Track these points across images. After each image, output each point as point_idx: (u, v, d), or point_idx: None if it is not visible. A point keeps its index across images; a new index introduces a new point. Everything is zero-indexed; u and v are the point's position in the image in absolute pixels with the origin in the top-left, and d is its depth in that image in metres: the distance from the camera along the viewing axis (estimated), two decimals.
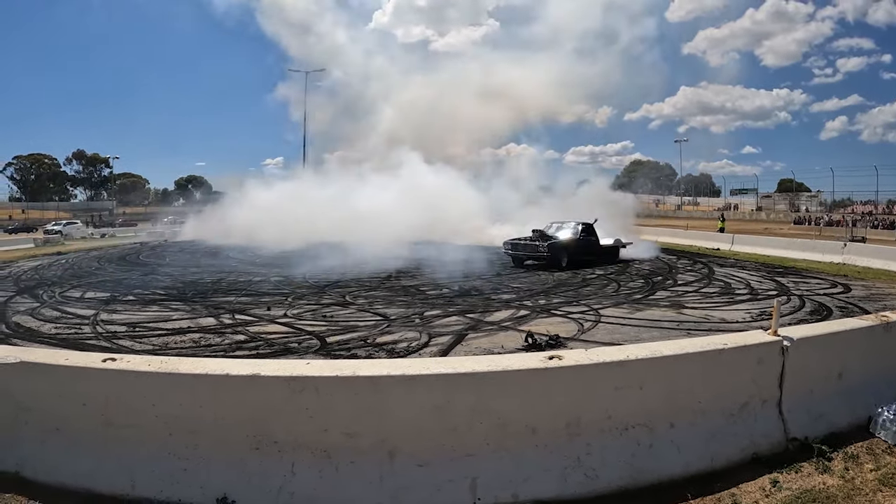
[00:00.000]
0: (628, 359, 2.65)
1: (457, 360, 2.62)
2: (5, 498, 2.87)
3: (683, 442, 2.94)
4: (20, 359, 2.82)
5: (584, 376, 2.63)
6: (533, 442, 2.63)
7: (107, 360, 2.70)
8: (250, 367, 2.54)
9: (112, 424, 2.71)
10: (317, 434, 2.56)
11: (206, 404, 2.60)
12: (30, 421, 2.85)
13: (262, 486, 2.59)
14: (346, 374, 2.48)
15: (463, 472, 2.60)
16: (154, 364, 2.63)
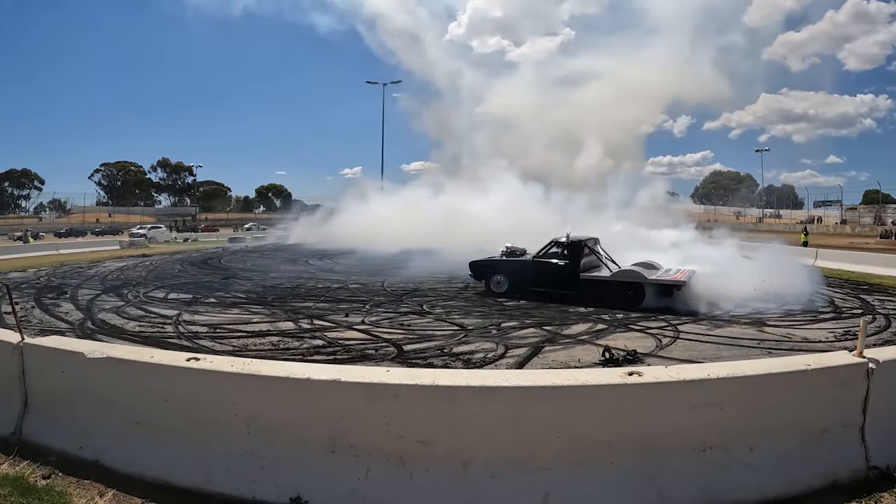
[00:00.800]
0: (708, 377, 2.56)
1: (534, 373, 2.58)
2: (84, 484, 2.98)
3: (760, 465, 2.83)
4: (107, 354, 2.92)
5: (663, 394, 2.56)
6: (607, 459, 2.57)
7: (191, 360, 2.78)
8: (331, 373, 2.57)
9: (192, 421, 2.78)
10: (393, 440, 2.56)
11: (285, 406, 2.64)
12: (112, 413, 2.95)
13: (336, 489, 2.61)
14: (426, 383, 2.48)
15: (535, 485, 2.57)
16: (237, 365, 2.69)
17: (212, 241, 35.54)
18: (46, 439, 3.16)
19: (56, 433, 3.14)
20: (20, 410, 3.29)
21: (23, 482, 3.01)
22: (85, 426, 3.03)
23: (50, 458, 3.11)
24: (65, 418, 3.14)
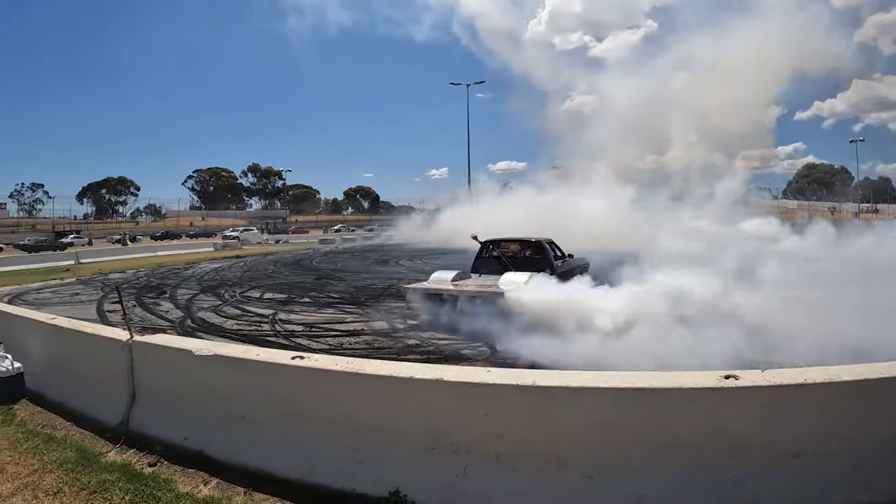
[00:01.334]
0: (805, 382, 2.61)
1: (631, 374, 2.64)
2: (188, 473, 3.16)
3: (852, 474, 2.84)
4: (214, 352, 3.11)
5: (759, 398, 2.61)
6: (698, 462, 2.63)
7: (295, 358, 2.95)
8: (433, 372, 2.71)
9: (296, 416, 2.94)
10: (492, 439, 2.68)
11: (388, 404, 2.78)
12: (217, 407, 3.13)
13: (434, 484, 2.73)
14: (525, 383, 2.60)
15: (629, 487, 2.64)
16: (341, 364, 2.85)
17: (302, 242, 37.36)
18: (152, 430, 3.36)
19: (161, 425, 3.34)
20: (128, 402, 3.52)
21: (130, 469, 3.21)
22: (191, 419, 3.22)
23: (156, 448, 3.31)
24: (171, 411, 3.34)
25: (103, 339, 3.88)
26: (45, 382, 4.32)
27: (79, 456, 3.35)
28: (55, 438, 3.63)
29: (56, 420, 3.94)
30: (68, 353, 4.23)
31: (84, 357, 4.04)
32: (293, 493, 2.90)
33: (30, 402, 4.32)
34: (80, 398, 3.95)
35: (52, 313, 5.23)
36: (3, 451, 3.51)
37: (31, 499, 3.05)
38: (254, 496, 2.93)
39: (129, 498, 2.97)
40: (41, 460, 3.36)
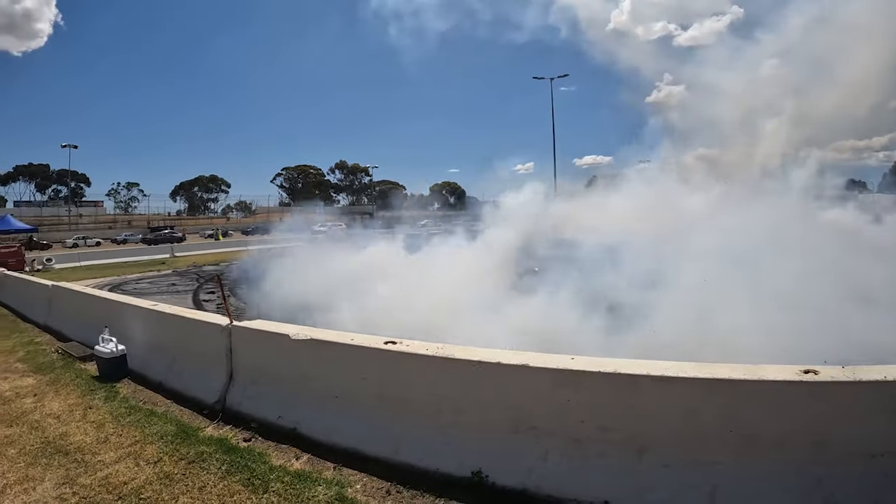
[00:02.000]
0: (886, 379, 2.69)
1: (712, 365, 2.81)
2: (281, 448, 3.40)
3: None
4: (310, 336, 3.41)
5: (838, 394, 2.69)
6: (777, 457, 2.74)
7: (388, 343, 3.23)
8: (520, 358, 2.94)
9: (386, 398, 3.18)
10: (573, 424, 2.86)
11: (475, 388, 3.01)
12: (312, 388, 3.40)
13: (515, 466, 2.90)
14: (608, 370, 2.80)
15: (705, 478, 2.76)
16: (431, 349, 3.11)
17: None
18: (247, 408, 3.63)
19: (257, 403, 3.61)
20: (225, 383, 3.82)
21: (226, 443, 3.46)
22: (285, 399, 3.49)
23: (251, 425, 3.57)
24: (266, 391, 3.62)
25: (204, 323, 4.27)
26: (147, 363, 4.71)
27: (178, 430, 3.64)
28: (156, 414, 3.95)
29: (156, 398, 4.28)
30: (170, 336, 4.63)
31: (185, 340, 4.42)
32: (380, 470, 3.11)
33: (131, 381, 4.72)
34: (179, 378, 4.29)
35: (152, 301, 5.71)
36: (107, 423, 3.83)
37: (133, 466, 3.34)
38: (343, 471, 3.15)
39: (225, 468, 3.23)
40: (142, 433, 3.65)
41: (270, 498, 2.94)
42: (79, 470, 3.36)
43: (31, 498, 3.12)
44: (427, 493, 2.94)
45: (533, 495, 2.86)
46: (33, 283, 9.66)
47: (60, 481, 3.25)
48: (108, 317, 5.45)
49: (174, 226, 52.87)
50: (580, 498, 2.82)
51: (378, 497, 2.94)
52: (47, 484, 3.25)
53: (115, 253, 26.71)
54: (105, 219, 59.76)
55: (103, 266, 20.70)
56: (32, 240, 34.31)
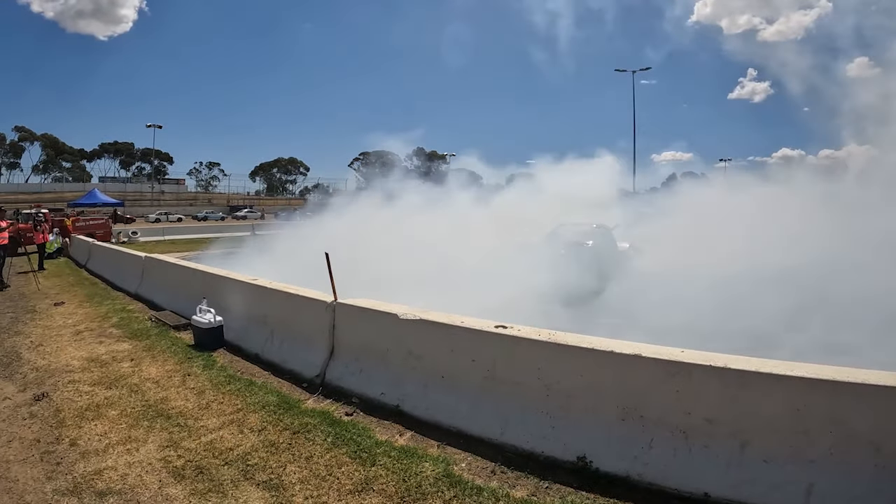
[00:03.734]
0: None
1: (818, 366, 2.97)
2: (384, 424, 3.59)
3: None
4: (419, 317, 3.58)
5: None
6: (874, 460, 2.96)
7: (498, 327, 3.40)
8: (632, 348, 3.18)
9: (495, 380, 3.40)
10: (680, 415, 3.10)
11: (585, 374, 3.26)
12: (418, 367, 3.60)
13: (620, 453, 3.10)
14: (718, 364, 3.04)
15: (802, 475, 3.00)
16: (543, 334, 3.37)
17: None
18: (348, 384, 3.84)
19: (358, 379, 3.84)
20: (325, 358, 4.00)
21: (329, 416, 3.65)
22: (389, 376, 3.70)
23: (352, 400, 3.81)
24: (368, 368, 3.86)
25: (307, 299, 4.65)
26: (244, 335, 5.01)
27: (280, 400, 3.82)
28: (255, 384, 4.17)
29: (254, 369, 4.54)
30: (270, 310, 5.04)
31: (286, 315, 4.82)
32: (485, 450, 3.37)
33: (227, 351, 4.93)
34: (278, 351, 4.59)
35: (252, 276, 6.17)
36: (207, 390, 3.98)
37: (237, 433, 3.50)
38: (447, 449, 3.34)
39: (330, 440, 3.39)
40: (244, 401, 3.82)
41: (378, 471, 3.14)
42: (182, 434, 3.52)
43: (135, 458, 3.29)
44: (531, 474, 3.19)
45: (636, 483, 3.09)
46: (126, 253, 10.37)
47: (164, 444, 3.43)
48: (205, 288, 5.88)
49: (253, 205, 57.31)
50: (681, 488, 3.04)
51: (483, 476, 3.13)
52: (150, 445, 3.41)
53: (196, 229, 29.59)
54: (186, 196, 65.45)
55: (187, 241, 22.61)
56: (117, 214, 37.07)
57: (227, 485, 3.03)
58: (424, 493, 3.00)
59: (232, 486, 3.03)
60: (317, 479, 3.10)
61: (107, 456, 3.39)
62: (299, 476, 3.11)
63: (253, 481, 3.07)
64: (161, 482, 3.06)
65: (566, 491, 3.07)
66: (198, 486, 3.03)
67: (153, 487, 3.01)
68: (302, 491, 2.99)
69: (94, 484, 3.06)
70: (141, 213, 44.61)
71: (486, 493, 3.00)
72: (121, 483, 3.05)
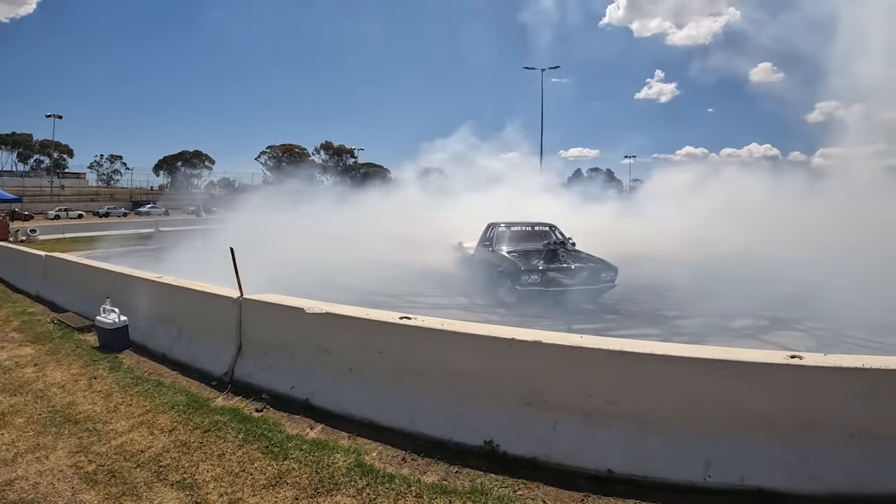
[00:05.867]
0: (864, 367, 3.74)
1: (710, 347, 3.80)
2: (294, 418, 4.45)
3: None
4: (325, 310, 4.35)
5: (821, 378, 3.82)
6: (767, 435, 3.85)
7: (403, 318, 4.17)
8: (533, 335, 3.96)
9: (403, 371, 4.22)
10: (582, 398, 3.95)
11: (489, 362, 4.06)
12: (326, 361, 4.42)
13: (526, 436, 3.97)
14: (615, 349, 3.85)
15: (700, 449, 3.87)
16: (446, 324, 4.13)
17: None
18: (257, 380, 4.67)
19: (267, 375, 4.67)
20: (234, 355, 4.83)
21: (239, 413, 4.51)
22: (298, 370, 4.52)
23: (262, 396, 4.63)
24: (277, 363, 4.66)
25: (213, 296, 5.44)
26: (150, 335, 5.84)
27: (189, 400, 4.67)
28: (163, 384, 5.02)
29: (161, 369, 5.38)
30: (176, 308, 5.76)
31: (193, 312, 5.54)
32: (396, 439, 4.20)
33: (133, 352, 5.79)
34: (186, 350, 5.41)
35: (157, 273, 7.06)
36: (115, 393, 4.83)
37: (147, 435, 4.33)
38: (357, 440, 4.20)
39: (241, 437, 4.24)
40: (153, 402, 4.66)
41: (290, 465, 3.96)
42: (92, 438, 4.35)
43: (46, 466, 4.12)
44: (441, 460, 4.03)
45: (542, 463, 3.96)
46: (25, 253, 11.61)
47: (74, 450, 4.25)
48: (109, 288, 6.68)
49: (156, 200, 63.42)
50: (586, 466, 3.90)
51: (394, 464, 3.98)
52: (60, 452, 4.25)
53: (98, 226, 32.94)
54: (87, 191, 71.69)
55: (88, 238, 25.01)
56: (15, 211, 39.95)
57: (141, 487, 3.73)
58: (337, 484, 3.76)
59: (146, 487, 3.72)
60: (230, 475, 3.83)
61: (16, 465, 4.03)
62: (212, 474, 3.84)
63: (166, 482, 3.78)
64: (74, 489, 3.74)
65: (475, 475, 3.86)
66: (111, 490, 3.72)
67: (66, 495, 3.67)
68: (216, 489, 3.70)
69: (6, 495, 3.69)
70: (40, 210, 48.97)
71: (398, 481, 3.78)
72: (33, 492, 3.69)
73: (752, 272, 13.42)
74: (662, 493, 3.74)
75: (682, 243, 17.44)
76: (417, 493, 3.66)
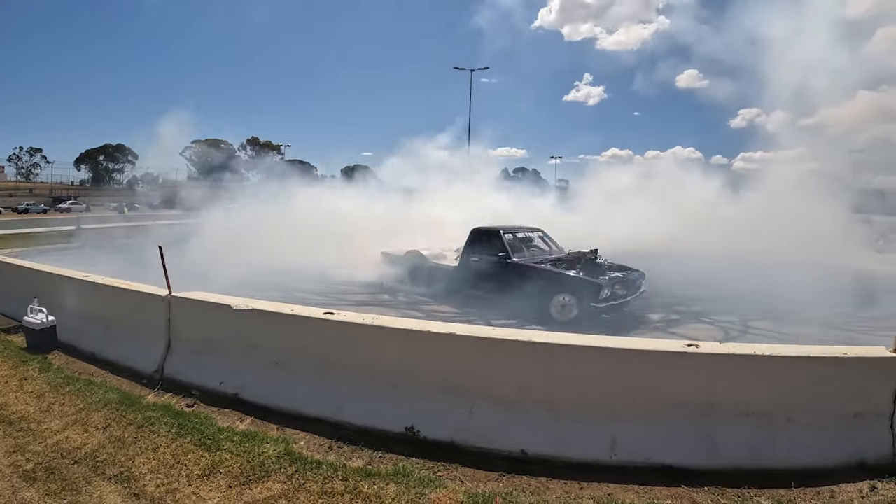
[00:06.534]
0: (755, 354, 4.61)
1: (614, 338, 4.58)
2: (224, 412, 5.20)
3: (796, 437, 4.85)
4: (252, 307, 5.09)
5: (718, 364, 4.64)
6: (669, 416, 4.66)
7: (327, 314, 4.93)
8: (448, 328, 4.75)
9: (328, 363, 4.98)
10: (496, 385, 4.72)
11: (409, 354, 4.82)
12: (254, 355, 5.15)
13: (444, 422, 4.77)
14: (525, 339, 4.61)
15: (607, 430, 4.68)
16: (367, 319, 4.86)
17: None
18: (187, 377, 5.40)
19: (196, 372, 5.38)
20: (163, 353, 5.54)
21: (171, 408, 5.25)
22: (226, 366, 5.24)
23: (192, 392, 5.34)
24: (206, 360, 5.37)
25: (142, 294, 6.00)
26: (78, 335, 6.49)
27: (121, 398, 5.39)
28: (94, 383, 5.70)
29: (91, 368, 6.05)
30: (104, 307, 6.38)
31: (121, 311, 6.17)
32: (322, 429, 4.94)
33: (62, 352, 6.45)
34: (115, 349, 6.04)
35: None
36: (47, 393, 5.55)
37: (82, 432, 5.07)
38: (286, 431, 4.97)
39: (174, 431, 4.99)
40: (85, 401, 5.39)
41: (223, 455, 4.71)
42: (27, 438, 5.07)
43: None
44: (366, 447, 4.77)
45: (461, 447, 4.72)
46: None
47: (10, 449, 4.94)
48: (34, 287, 7.23)
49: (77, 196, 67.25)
50: (501, 448, 4.70)
51: (322, 451, 4.76)
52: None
53: (18, 223, 35.14)
54: (6, 186, 75.87)
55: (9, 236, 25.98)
56: None
57: (80, 482, 4.29)
58: (268, 471, 4.36)
59: (84, 482, 4.28)
60: (166, 467, 4.42)
61: None
62: (148, 467, 4.43)
63: (104, 476, 4.34)
64: (14, 487, 4.26)
65: (398, 459, 4.55)
66: (51, 486, 4.25)
67: (6, 493, 4.19)
68: (153, 480, 4.28)
69: None
70: None
71: (325, 466, 4.41)
72: None
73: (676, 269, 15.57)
74: (572, 471, 4.46)
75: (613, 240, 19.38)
76: (344, 476, 4.29)
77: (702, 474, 4.54)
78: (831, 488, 4.54)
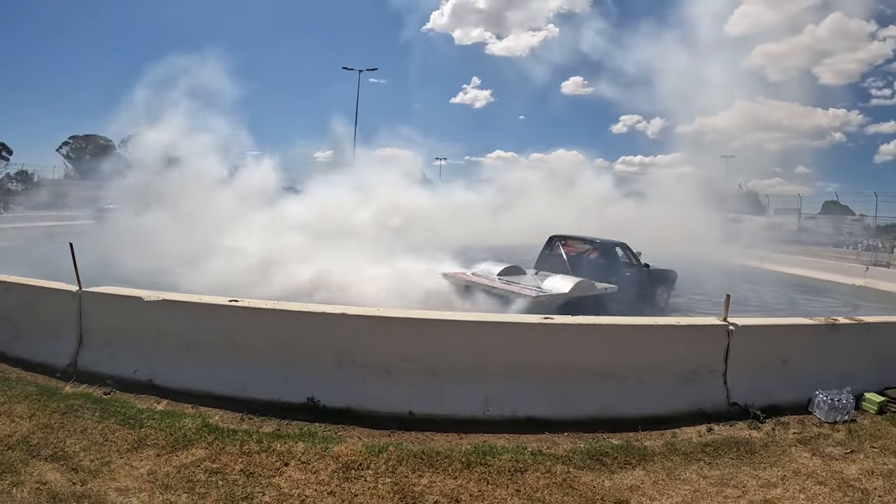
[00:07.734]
0: (602, 324, 6.72)
1: (483, 314, 6.79)
2: (140, 397, 6.85)
3: (643, 392, 6.69)
4: (162, 297, 7.21)
5: (570, 333, 6.55)
6: (532, 376, 6.45)
7: (232, 301, 7.05)
8: (341, 309, 6.68)
9: (234, 345, 6.75)
10: (383, 357, 6.47)
11: (306, 333, 6.57)
12: (166, 343, 7.00)
13: (341, 391, 6.53)
14: (405, 316, 6.60)
15: (480, 391, 6.48)
16: (269, 304, 6.87)
17: None
18: (101, 368, 7.05)
19: (110, 362, 7.10)
20: (76, 346, 7.42)
21: (90, 396, 7.06)
22: (139, 355, 7.08)
23: (107, 381, 7.03)
24: (118, 350, 7.13)
25: (51, 290, 7.45)
26: None
27: (40, 390, 7.05)
28: (10, 379, 7.16)
29: (2, 366, 7.35)
30: (12, 305, 7.75)
31: (30, 308, 7.54)
32: (233, 405, 6.50)
33: None
34: (25, 346, 7.41)
35: None
36: None
37: (9, 423, 6.44)
38: (200, 409, 6.55)
39: (98, 414, 6.57)
40: (5, 395, 6.91)
41: (147, 431, 6.00)
42: None
43: None
44: (273, 417, 6.23)
45: (357, 412, 6.32)
46: None
47: None
48: None
49: None
50: (391, 411, 6.40)
51: (235, 422, 6.21)
52: None
53: None
54: None
55: None
56: None
57: (18, 465, 5.37)
58: (190, 441, 5.78)
59: (22, 465, 5.38)
60: (96, 445, 5.68)
61: None
62: (80, 446, 5.68)
63: (40, 457, 5.51)
64: None
65: (303, 424, 6.15)
66: None
67: None
68: (87, 456, 5.51)
69: None
70: None
71: (240, 433, 5.88)
72: None
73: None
74: (453, 425, 6.32)
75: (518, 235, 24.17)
76: (258, 439, 5.85)
77: (560, 423, 6.59)
78: (674, 430, 6.66)
